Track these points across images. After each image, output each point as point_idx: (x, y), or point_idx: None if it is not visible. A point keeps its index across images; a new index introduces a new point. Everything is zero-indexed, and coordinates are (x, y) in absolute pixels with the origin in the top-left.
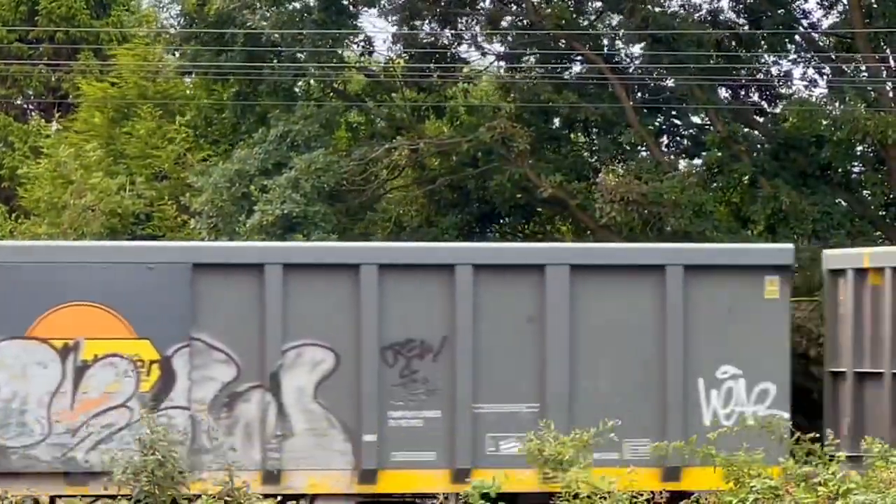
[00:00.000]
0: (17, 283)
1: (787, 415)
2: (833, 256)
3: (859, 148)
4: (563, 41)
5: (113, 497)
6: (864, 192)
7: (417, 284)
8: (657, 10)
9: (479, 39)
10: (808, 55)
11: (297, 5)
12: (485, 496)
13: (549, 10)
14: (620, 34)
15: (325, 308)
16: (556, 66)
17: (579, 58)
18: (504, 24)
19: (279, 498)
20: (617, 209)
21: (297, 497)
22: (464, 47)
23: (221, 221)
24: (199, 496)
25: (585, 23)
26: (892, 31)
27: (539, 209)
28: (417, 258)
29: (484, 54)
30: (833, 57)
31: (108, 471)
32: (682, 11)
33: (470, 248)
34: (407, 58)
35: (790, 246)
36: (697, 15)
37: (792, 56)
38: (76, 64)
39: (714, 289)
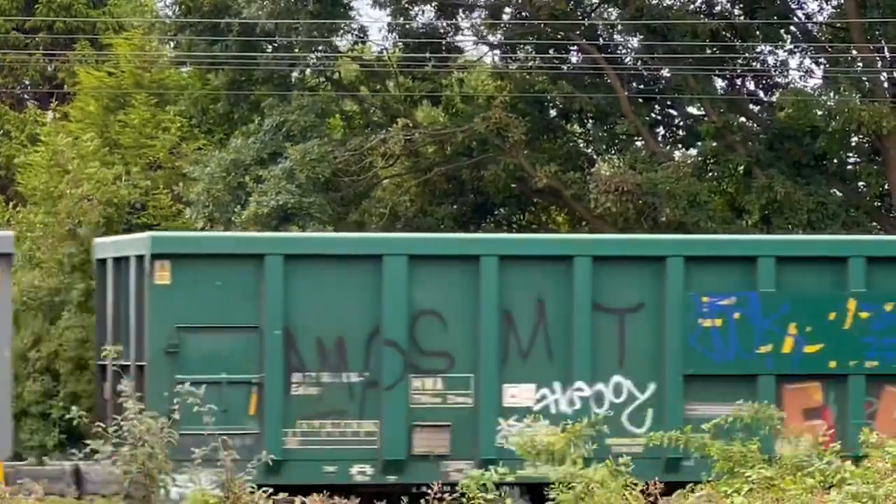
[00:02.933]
0: None
1: None
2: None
3: (854, 138)
4: (560, 31)
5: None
6: (859, 182)
7: None
8: (652, 0)
9: (478, 27)
10: (804, 45)
11: None
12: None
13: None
14: (617, 24)
15: None
16: (552, 56)
17: (575, 48)
18: (504, 16)
19: (270, 490)
20: (612, 199)
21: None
22: (459, 36)
23: (217, 211)
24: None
25: (581, 14)
26: (887, 22)
27: (534, 200)
28: None
29: (486, 44)
30: (828, 48)
31: None
32: (676, 2)
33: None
34: (402, 47)
35: None
36: (692, 5)
37: (788, 46)
38: (73, 53)
39: None
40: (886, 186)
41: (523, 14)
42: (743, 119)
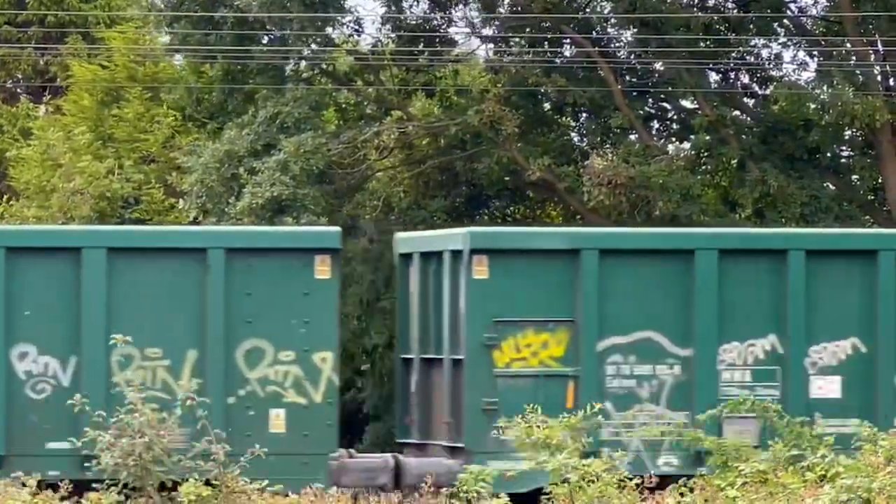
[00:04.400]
0: None
1: None
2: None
3: (847, 132)
4: (551, 23)
5: (101, 481)
6: (853, 176)
7: None
8: None
9: (474, 19)
10: (797, 39)
11: None
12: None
13: None
14: (610, 17)
15: None
16: (546, 49)
17: (568, 41)
18: (499, 9)
19: (266, 482)
20: (605, 193)
21: None
22: (453, 29)
23: (210, 202)
24: (186, 479)
25: (575, 7)
26: (880, 15)
27: (528, 193)
28: None
29: (479, 37)
30: (822, 42)
31: None
32: None
33: None
34: (395, 39)
35: None
36: None
37: (781, 40)
38: (65, 47)
39: None
40: (880, 180)
41: (517, 8)
42: (736, 112)
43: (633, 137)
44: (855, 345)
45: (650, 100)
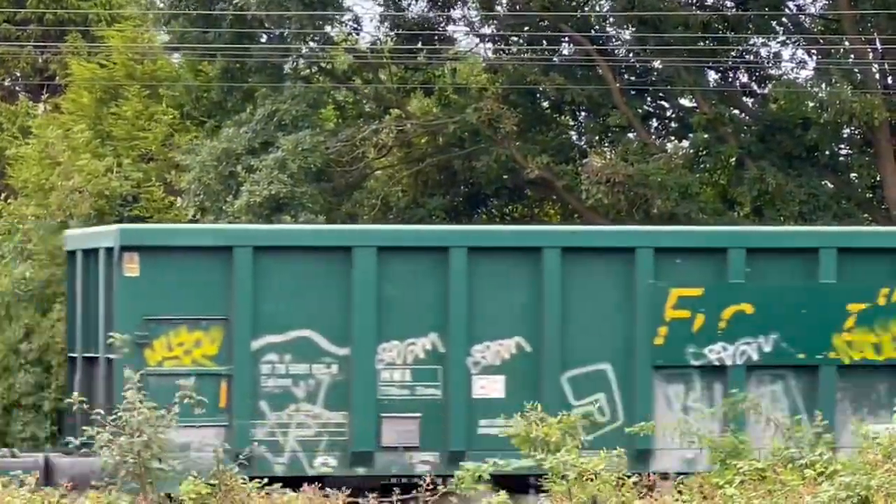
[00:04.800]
0: None
1: None
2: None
3: (846, 130)
4: (550, 22)
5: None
6: (851, 174)
7: None
8: None
9: (473, 18)
10: (796, 37)
11: None
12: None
13: None
14: (608, 15)
15: None
16: (544, 48)
17: (566, 39)
18: (498, 7)
19: (265, 480)
20: (603, 191)
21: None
22: (452, 27)
23: (208, 200)
24: (185, 477)
25: (573, 5)
26: (879, 13)
27: (527, 191)
28: None
29: (478, 35)
30: (820, 40)
31: None
32: None
33: None
34: (394, 37)
35: None
36: None
37: (780, 38)
38: (64, 45)
39: None
40: (878, 178)
41: (516, 7)
42: (735, 111)
43: (631, 136)
44: (519, 344)
45: (649, 98)
